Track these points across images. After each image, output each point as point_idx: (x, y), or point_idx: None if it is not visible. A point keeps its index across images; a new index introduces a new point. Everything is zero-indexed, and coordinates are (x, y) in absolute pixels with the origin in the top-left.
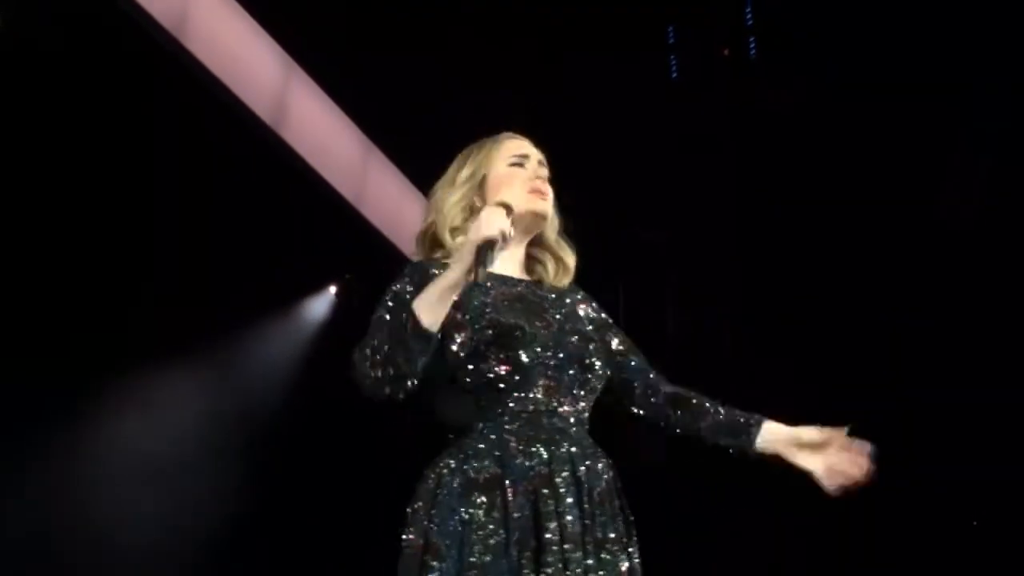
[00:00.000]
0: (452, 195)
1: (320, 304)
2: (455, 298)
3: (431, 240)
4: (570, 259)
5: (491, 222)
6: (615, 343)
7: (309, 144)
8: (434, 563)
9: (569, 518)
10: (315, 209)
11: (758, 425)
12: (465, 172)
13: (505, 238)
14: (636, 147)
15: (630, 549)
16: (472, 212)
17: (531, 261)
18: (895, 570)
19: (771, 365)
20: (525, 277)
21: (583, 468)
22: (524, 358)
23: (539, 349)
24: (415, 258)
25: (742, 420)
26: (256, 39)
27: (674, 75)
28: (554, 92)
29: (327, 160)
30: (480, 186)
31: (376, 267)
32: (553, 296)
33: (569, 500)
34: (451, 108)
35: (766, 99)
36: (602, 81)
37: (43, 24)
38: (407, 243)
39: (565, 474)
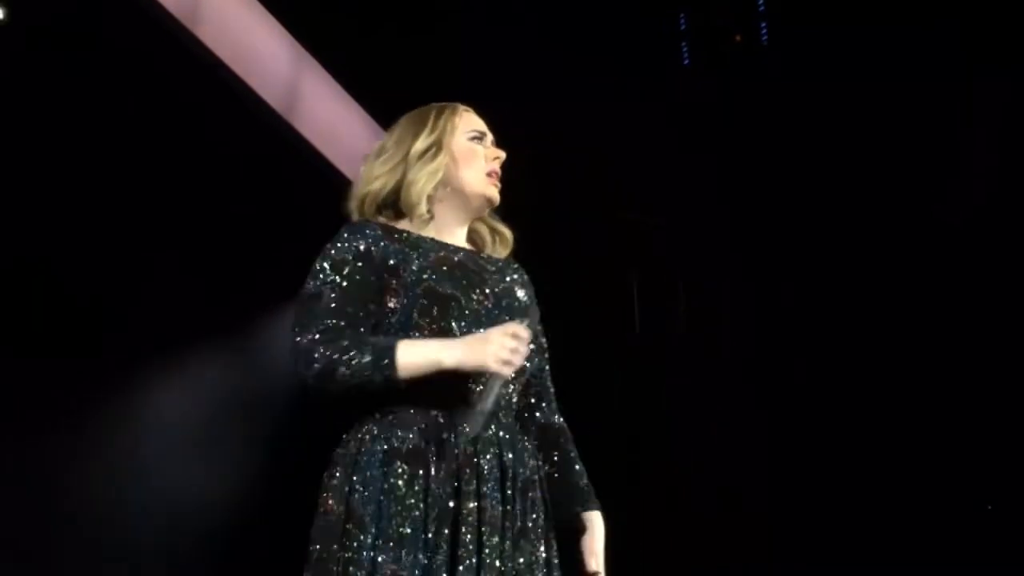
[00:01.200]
0: (423, 164)
1: None
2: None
3: (380, 203)
4: (507, 231)
5: (504, 355)
6: (541, 339)
7: (321, 132)
8: (356, 531)
9: (489, 501)
10: (327, 197)
11: (585, 516)
12: (427, 140)
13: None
14: (648, 134)
15: (550, 540)
16: (440, 181)
17: (470, 232)
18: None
19: (785, 355)
20: (466, 247)
21: (510, 454)
22: (456, 332)
23: (471, 324)
24: (353, 216)
25: (577, 496)
26: (267, 27)
27: (686, 61)
28: (566, 79)
29: (339, 148)
30: (446, 155)
31: None
32: (492, 268)
33: (491, 483)
34: (462, 96)
35: (778, 86)
36: (614, 68)
37: (52, 12)
38: None
39: (489, 457)
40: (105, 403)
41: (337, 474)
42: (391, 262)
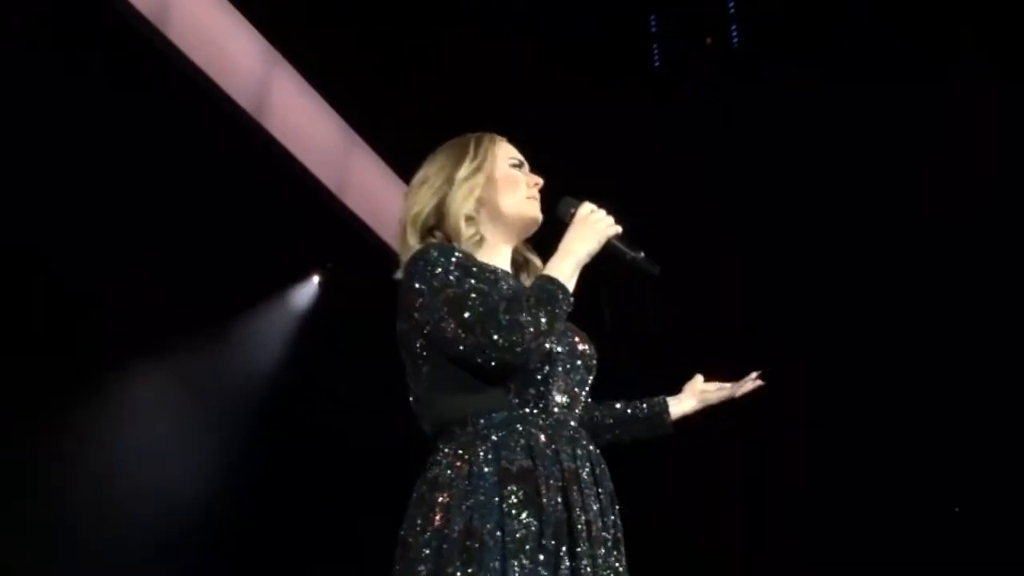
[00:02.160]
0: (463, 188)
1: (304, 293)
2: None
3: (422, 226)
4: (539, 262)
5: (607, 221)
6: None
7: (291, 134)
8: (480, 549)
9: (593, 515)
10: (298, 199)
11: (665, 405)
12: (471, 165)
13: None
14: (619, 136)
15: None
16: (480, 203)
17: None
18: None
19: (752, 360)
20: (510, 272)
21: (599, 469)
22: (556, 349)
23: (558, 345)
24: (411, 242)
25: (656, 407)
26: (238, 29)
27: (657, 64)
28: (536, 81)
29: (309, 149)
30: (487, 181)
31: (359, 256)
32: None
33: (592, 498)
34: (433, 98)
35: (749, 88)
36: (585, 70)
37: (24, 14)
38: (390, 232)
39: (587, 472)
40: (87, 399)
41: (444, 496)
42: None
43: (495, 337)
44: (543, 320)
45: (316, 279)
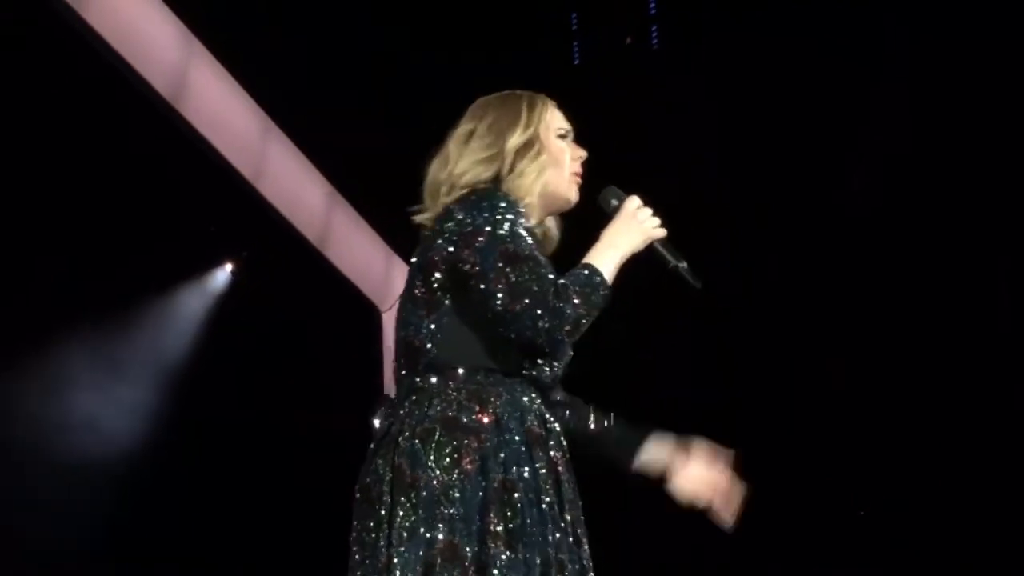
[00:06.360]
0: (529, 160)
1: (217, 281)
2: None
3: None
4: (557, 234)
5: (654, 221)
6: None
7: (207, 120)
8: (516, 503)
9: (571, 506)
10: (213, 186)
11: (642, 441)
12: (524, 134)
13: None
14: None
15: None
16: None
17: None
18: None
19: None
20: None
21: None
22: None
23: None
24: (447, 199)
25: (629, 433)
26: (156, 13)
27: (576, 61)
28: (455, 73)
29: (225, 136)
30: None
31: (273, 245)
32: None
33: (570, 490)
34: (352, 87)
35: (667, 88)
36: (504, 66)
37: None
38: (304, 221)
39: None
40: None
41: (473, 441)
42: None
43: (540, 317)
44: (584, 314)
45: (229, 267)
